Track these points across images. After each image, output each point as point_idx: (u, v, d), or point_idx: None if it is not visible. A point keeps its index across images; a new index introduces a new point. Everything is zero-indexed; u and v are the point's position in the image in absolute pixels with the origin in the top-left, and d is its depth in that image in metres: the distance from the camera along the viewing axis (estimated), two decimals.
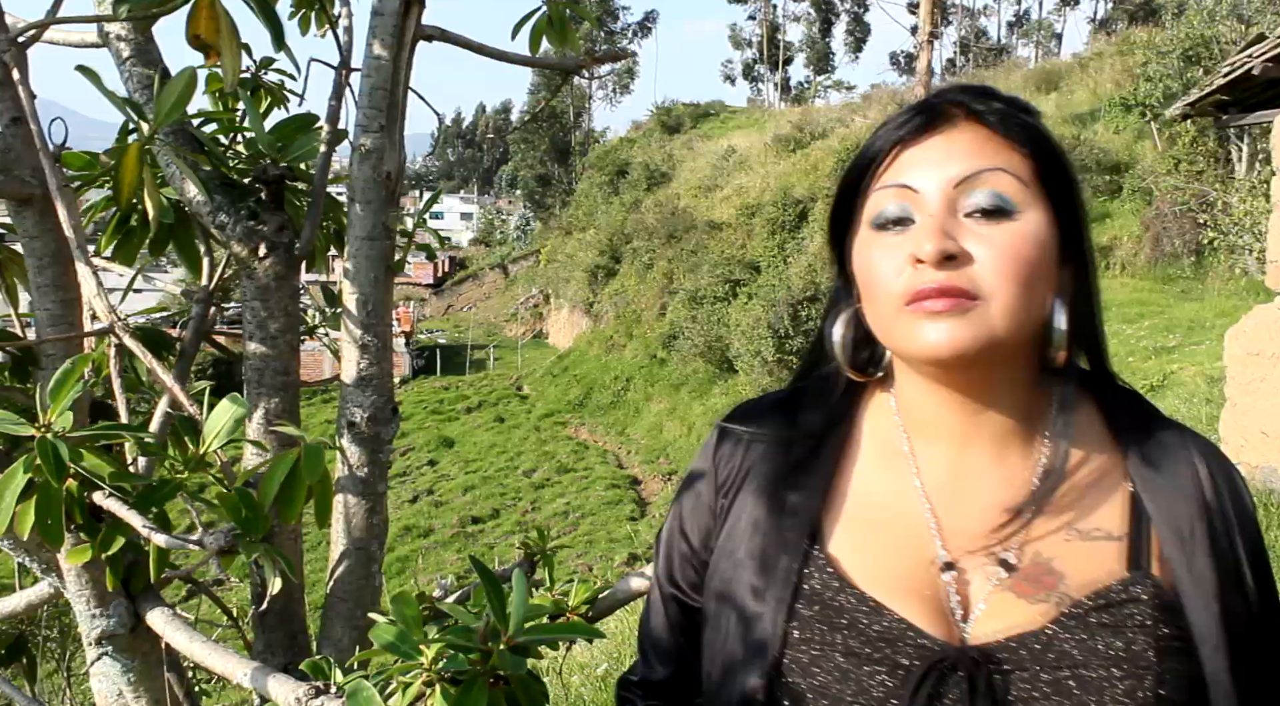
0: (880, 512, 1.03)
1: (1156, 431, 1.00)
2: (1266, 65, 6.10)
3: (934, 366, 0.97)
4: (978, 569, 0.97)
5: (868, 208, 1.00)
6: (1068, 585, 0.93)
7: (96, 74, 1.43)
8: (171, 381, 1.24)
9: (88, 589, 1.56)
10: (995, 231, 0.93)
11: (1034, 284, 0.93)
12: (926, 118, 0.98)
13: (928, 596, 0.96)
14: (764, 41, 66.31)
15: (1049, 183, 0.97)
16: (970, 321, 0.91)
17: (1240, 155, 15.96)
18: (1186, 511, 0.95)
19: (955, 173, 0.94)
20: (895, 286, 0.94)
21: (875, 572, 0.98)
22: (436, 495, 25.73)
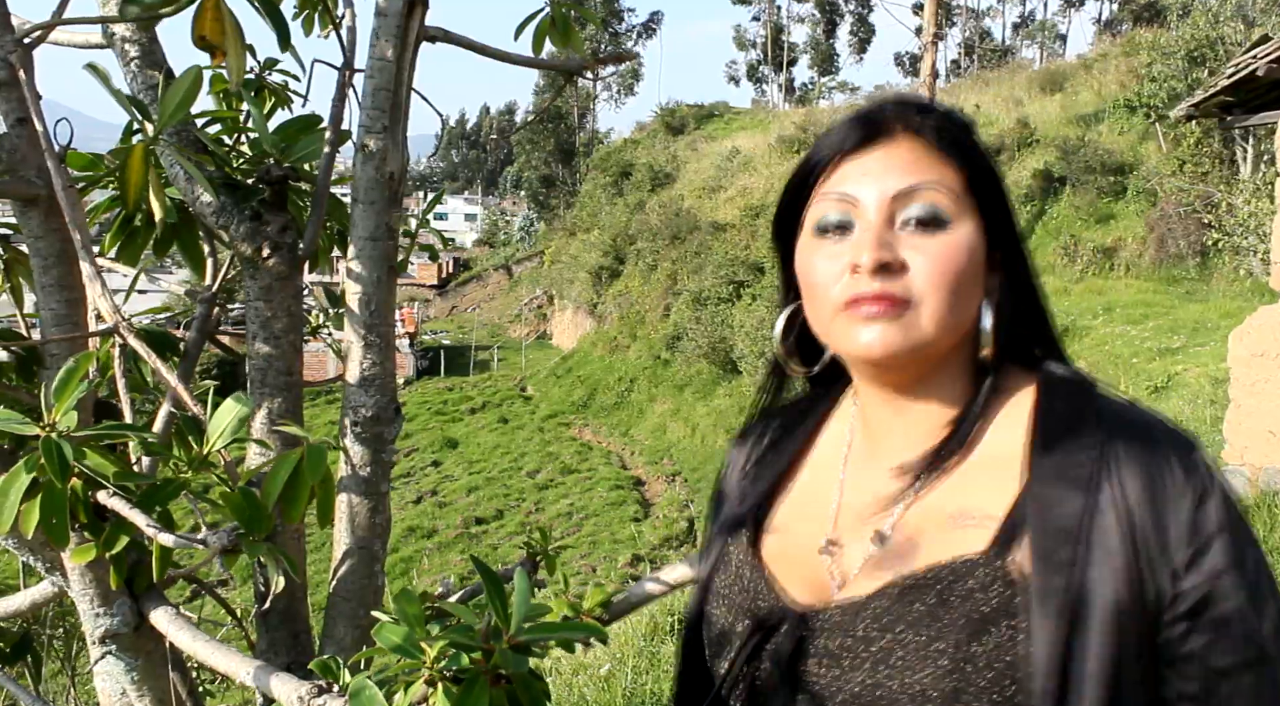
0: (808, 497, 1.13)
1: (1073, 417, 0.98)
2: (1271, 66, 6.10)
3: (868, 365, 1.04)
4: (857, 545, 1.03)
5: (810, 213, 1.06)
6: (917, 560, 0.96)
7: (105, 73, 1.44)
8: (176, 381, 1.25)
9: (91, 588, 1.56)
10: (929, 242, 0.98)
11: (963, 290, 0.99)
12: (867, 130, 1.04)
13: (813, 573, 1.04)
14: (768, 42, 66.31)
15: (979, 193, 1.02)
16: (902, 325, 0.97)
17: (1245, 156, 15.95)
18: (1069, 499, 0.92)
19: (893, 186, 1.00)
20: (834, 291, 1.01)
21: (780, 547, 1.10)
22: (440, 496, 25.73)
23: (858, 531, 1.04)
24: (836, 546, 1.04)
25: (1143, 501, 0.91)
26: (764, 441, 1.22)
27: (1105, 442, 0.95)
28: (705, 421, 27.91)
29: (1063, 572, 0.89)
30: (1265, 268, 9.83)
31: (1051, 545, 0.90)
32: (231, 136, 1.90)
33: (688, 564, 1.65)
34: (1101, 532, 0.90)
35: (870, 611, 0.95)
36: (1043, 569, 0.89)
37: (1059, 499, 0.93)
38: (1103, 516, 0.91)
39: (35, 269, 1.53)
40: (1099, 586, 0.88)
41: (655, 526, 22.05)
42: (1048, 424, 0.99)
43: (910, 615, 0.92)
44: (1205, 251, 18.47)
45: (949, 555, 0.94)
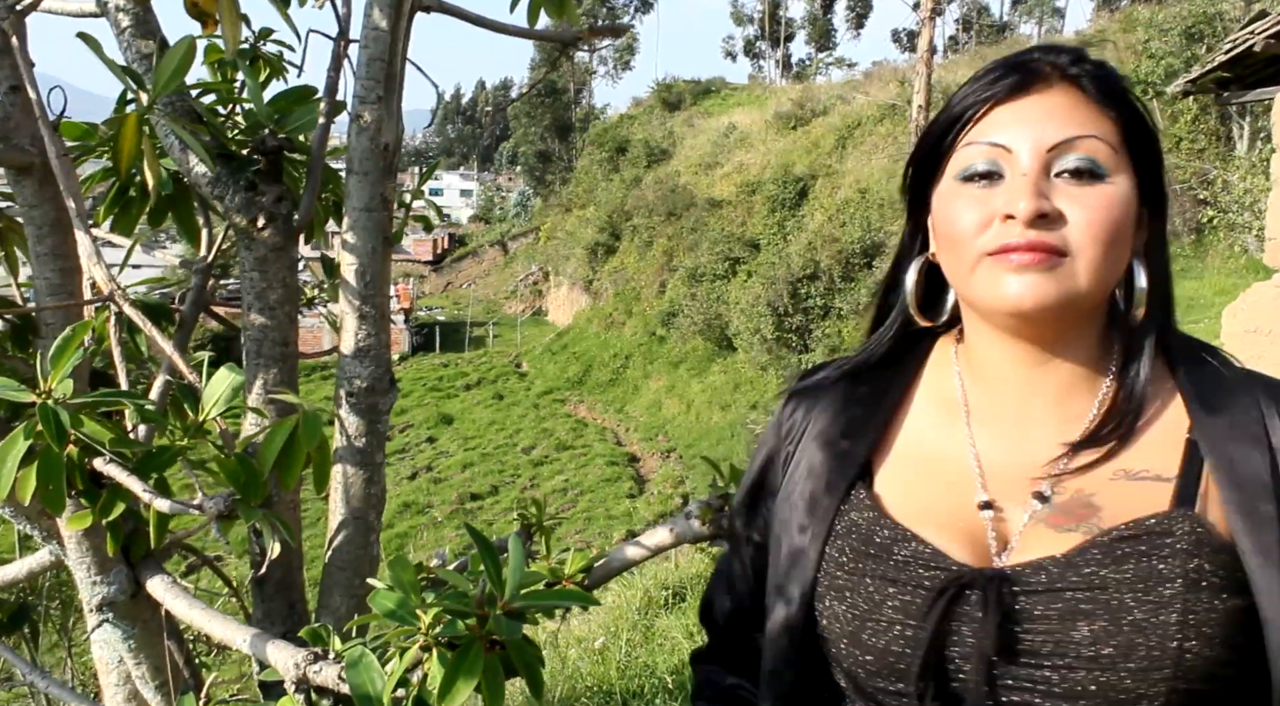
0: (928, 457, 1.07)
1: (1220, 378, 1.01)
2: (1268, 42, 6.08)
3: (1012, 318, 0.99)
4: (1017, 506, 1.00)
5: (954, 161, 1.02)
6: (1102, 518, 0.95)
7: (97, 41, 1.43)
8: (172, 349, 1.25)
9: (88, 556, 1.57)
10: (1087, 193, 0.95)
11: (1119, 244, 0.96)
12: (1021, 77, 0.99)
13: (964, 530, 1.00)
14: (765, 18, 65.98)
15: (1135, 147, 0.99)
16: (1056, 277, 0.94)
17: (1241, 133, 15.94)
18: (1245, 453, 0.95)
19: (1051, 136, 0.96)
20: (981, 238, 0.97)
21: (915, 509, 1.03)
22: (435, 472, 25.81)
23: (1014, 492, 1.00)
24: (993, 507, 1.00)
25: None
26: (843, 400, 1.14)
27: (1262, 400, 0.97)
28: (700, 398, 27.96)
29: (1271, 527, 0.90)
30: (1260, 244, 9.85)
31: (1250, 501, 0.92)
32: (226, 107, 1.89)
33: (667, 529, 1.65)
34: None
35: (1078, 570, 0.93)
36: (1251, 526, 0.91)
37: (1241, 456, 0.94)
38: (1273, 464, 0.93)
39: (30, 238, 1.53)
40: None
41: (650, 503, 22.13)
42: (1200, 383, 1.00)
43: (1125, 572, 0.91)
44: (1200, 228, 18.46)
45: (1138, 512, 0.94)
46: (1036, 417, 1.03)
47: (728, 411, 26.06)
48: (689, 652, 1.32)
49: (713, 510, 1.48)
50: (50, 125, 1.38)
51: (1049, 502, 0.98)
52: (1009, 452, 1.03)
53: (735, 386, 26.92)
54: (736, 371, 27.28)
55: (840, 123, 31.68)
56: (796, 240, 26.53)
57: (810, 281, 24.26)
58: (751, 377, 26.32)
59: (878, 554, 1.01)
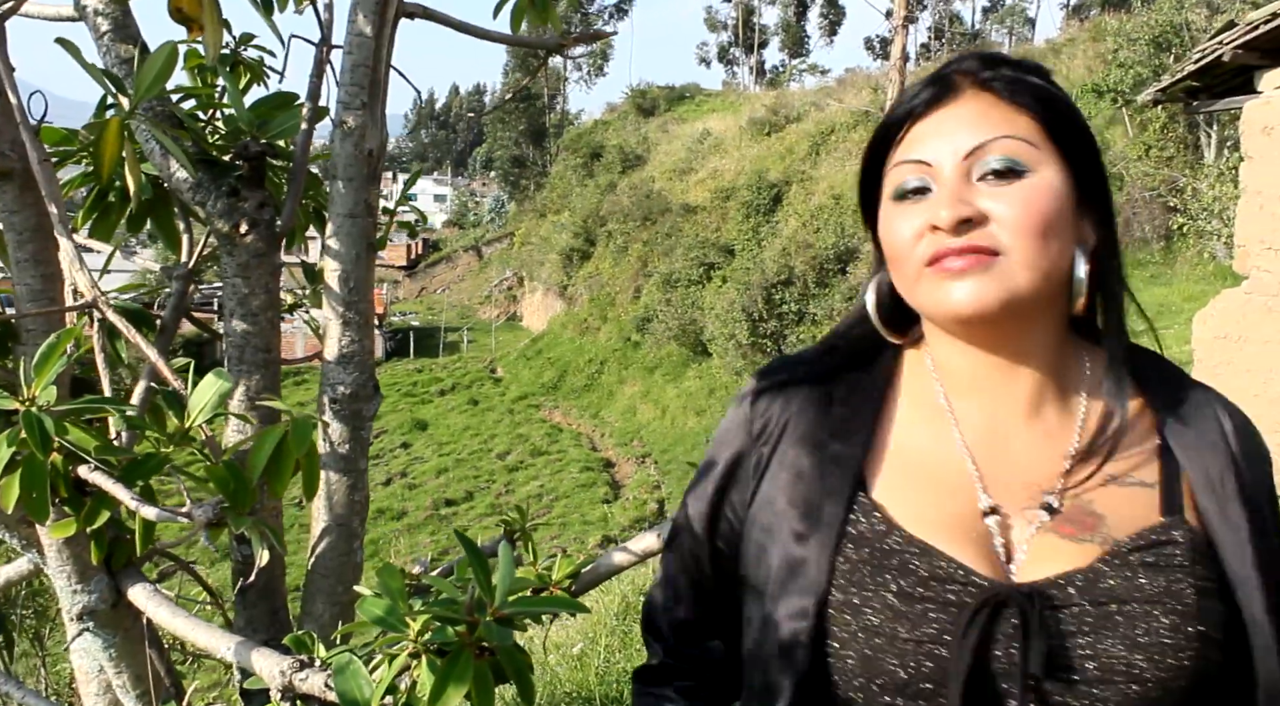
0: (923, 463, 1.05)
1: (1182, 387, 1.05)
2: (1236, 52, 6.14)
3: (960, 324, 1.01)
4: (1019, 514, 1.00)
5: (888, 182, 1.05)
6: (1109, 527, 0.97)
7: (76, 47, 1.42)
8: (156, 356, 1.24)
9: (69, 564, 1.56)
10: (1009, 189, 0.96)
11: (1052, 235, 0.96)
12: (935, 91, 1.02)
13: (973, 539, 0.99)
14: (739, 24, 66.19)
15: (1061, 140, 1.00)
16: (992, 276, 0.95)
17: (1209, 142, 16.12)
18: (1216, 462, 0.99)
19: (965, 143, 0.98)
20: (916, 251, 0.99)
21: (921, 518, 1.01)
22: (410, 478, 25.68)
23: (1012, 498, 1.00)
24: (999, 513, 1.00)
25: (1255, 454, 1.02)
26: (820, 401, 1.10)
27: (1219, 411, 1.03)
28: (675, 403, 27.97)
29: (1241, 531, 0.96)
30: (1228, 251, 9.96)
31: (1224, 506, 0.97)
32: (206, 112, 1.88)
33: (655, 534, 1.65)
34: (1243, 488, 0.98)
35: (1104, 582, 0.94)
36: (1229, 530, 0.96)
37: (1211, 464, 0.99)
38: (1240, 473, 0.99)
39: (9, 244, 1.51)
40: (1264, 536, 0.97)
41: (625, 508, 22.11)
42: (1164, 392, 1.04)
43: (1143, 583, 0.93)
44: (1170, 235, 18.65)
45: (1137, 520, 0.97)
46: (1014, 425, 1.04)
47: (703, 417, 26.07)
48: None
49: None
50: (31, 130, 1.37)
51: (1056, 512, 0.98)
52: (997, 459, 1.03)
53: (710, 392, 26.95)
54: (711, 377, 27.31)
55: (814, 129, 31.81)
56: (771, 246, 26.61)
57: (785, 287, 24.32)
58: (726, 383, 26.34)
59: (897, 568, 0.97)
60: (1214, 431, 1.01)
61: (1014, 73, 1.01)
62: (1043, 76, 1.03)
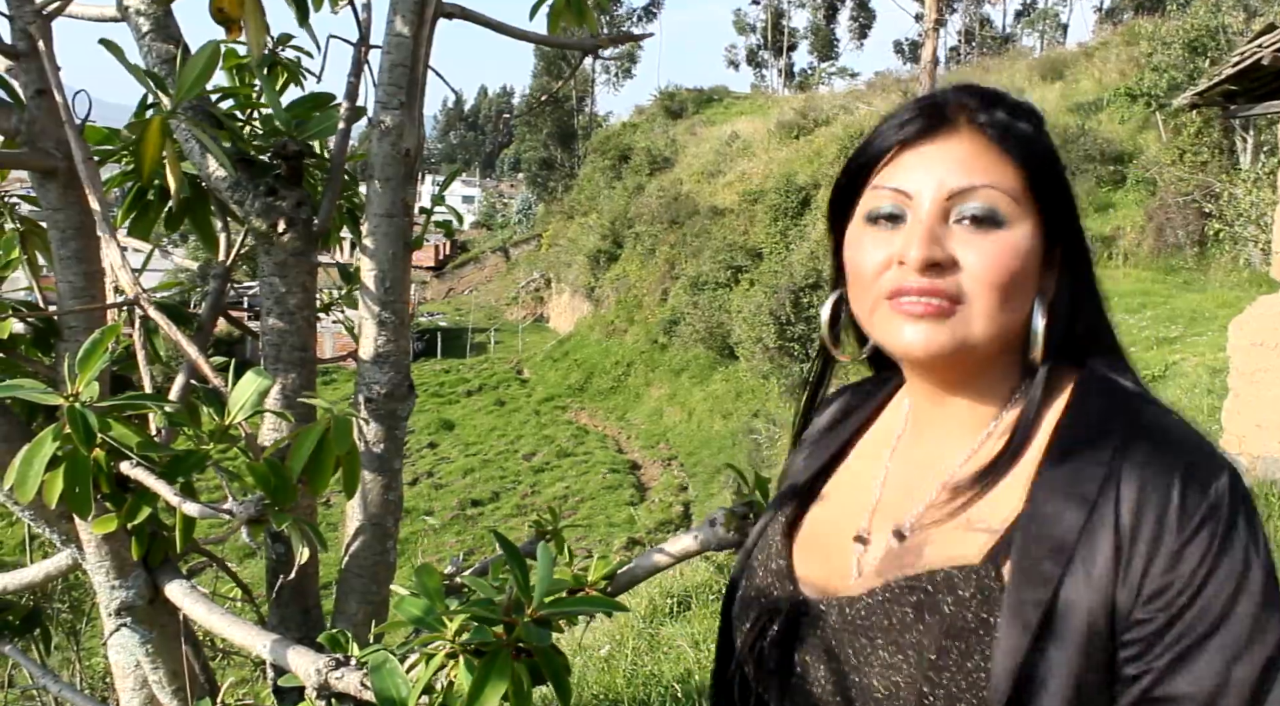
0: (850, 486, 1.12)
1: (1097, 428, 0.94)
2: (1276, 55, 6.09)
3: (911, 363, 1.04)
4: (881, 541, 1.03)
5: (863, 201, 1.04)
6: (921, 561, 0.96)
7: (119, 47, 1.43)
8: (197, 353, 1.25)
9: (108, 560, 1.57)
10: (984, 241, 0.95)
11: (1015, 292, 0.96)
12: (929, 121, 1.00)
13: (838, 559, 1.05)
14: (768, 27, 66.09)
15: (1040, 193, 0.99)
16: (948, 326, 0.95)
17: (1245, 147, 15.95)
18: (1063, 514, 0.89)
19: (950, 184, 0.97)
20: (880, 281, 0.98)
21: (812, 534, 1.11)
22: (436, 477, 25.79)
23: (886, 527, 1.03)
24: (864, 540, 1.04)
25: (1139, 522, 0.86)
26: (824, 421, 1.22)
27: (1118, 456, 0.90)
28: (702, 406, 27.95)
29: (1040, 587, 0.86)
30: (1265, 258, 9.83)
31: (1035, 559, 0.88)
32: (244, 113, 1.89)
33: (691, 536, 1.65)
34: (1090, 550, 0.87)
35: (858, 610, 0.96)
36: (1021, 581, 0.87)
37: (1057, 514, 0.90)
38: (1096, 534, 0.87)
39: (53, 241, 1.53)
40: (1076, 604, 0.86)
41: (651, 510, 22.12)
42: (1066, 433, 0.95)
43: (894, 617, 0.93)
44: (1203, 241, 18.46)
45: (944, 561, 0.93)
46: (933, 455, 1.05)
47: (729, 420, 26.04)
48: None
49: (737, 517, 1.47)
50: (76, 129, 1.38)
51: (904, 542, 1.00)
52: (906, 487, 1.06)
53: (737, 395, 26.92)
54: (738, 380, 27.27)
55: (843, 132, 31.68)
56: (799, 249, 26.53)
57: (813, 290, 24.23)
58: (753, 386, 26.30)
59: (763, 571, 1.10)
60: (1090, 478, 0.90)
61: (1008, 118, 1.00)
62: (1035, 124, 1.01)
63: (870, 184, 1.03)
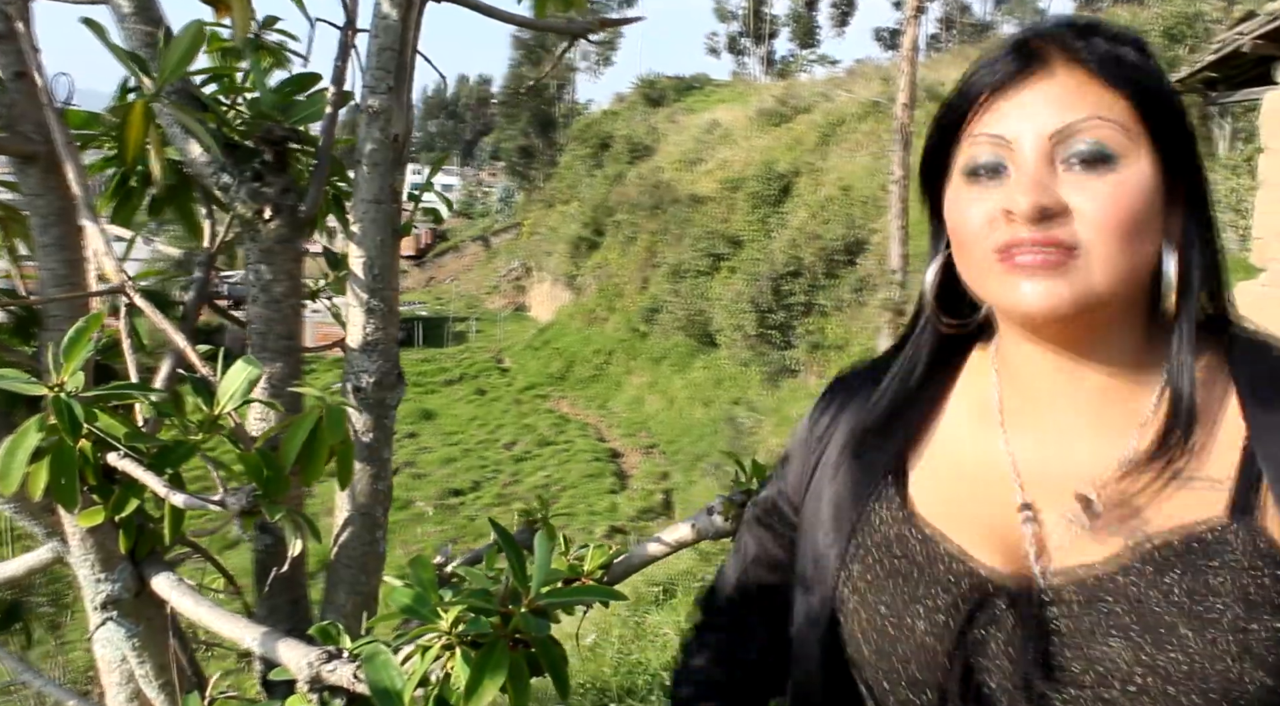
0: (964, 462, 1.02)
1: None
2: (1256, 42, 6.12)
3: (1029, 322, 0.94)
4: (1059, 512, 0.94)
5: (960, 156, 0.96)
6: (1148, 524, 0.89)
7: (102, 27, 1.40)
8: (184, 342, 1.23)
9: (93, 553, 1.54)
10: (1096, 181, 0.88)
11: (1138, 235, 0.88)
12: (1020, 61, 0.92)
13: (1001, 536, 0.95)
14: (750, 14, 66.01)
15: (1154, 124, 0.90)
16: (1068, 278, 0.87)
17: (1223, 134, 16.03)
18: None
19: (1051, 124, 0.89)
20: (988, 239, 0.91)
21: (948, 512, 0.99)
22: (416, 467, 25.71)
23: (1055, 498, 0.94)
24: (1032, 509, 0.94)
25: None
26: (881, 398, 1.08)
27: None
28: (682, 394, 27.96)
29: None
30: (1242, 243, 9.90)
31: None
32: (228, 96, 1.86)
33: (689, 525, 1.64)
34: None
35: (1115, 581, 0.87)
36: None
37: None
38: None
39: (34, 228, 1.49)
40: None
41: (632, 498, 22.17)
42: (1258, 382, 0.92)
43: (1172, 588, 0.85)
44: None
45: (1189, 520, 0.88)
46: (1075, 426, 0.96)
47: (710, 407, 26.07)
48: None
49: (735, 506, 1.46)
50: (57, 112, 1.35)
51: (1092, 508, 0.91)
52: (1048, 461, 0.97)
53: (717, 382, 26.95)
54: (719, 367, 27.31)
55: (823, 120, 31.72)
56: (779, 237, 26.57)
57: (793, 278, 24.31)
58: (734, 374, 26.35)
59: (905, 556, 0.97)
60: None
61: (1109, 45, 0.91)
62: (1141, 51, 0.93)
63: (965, 136, 0.95)
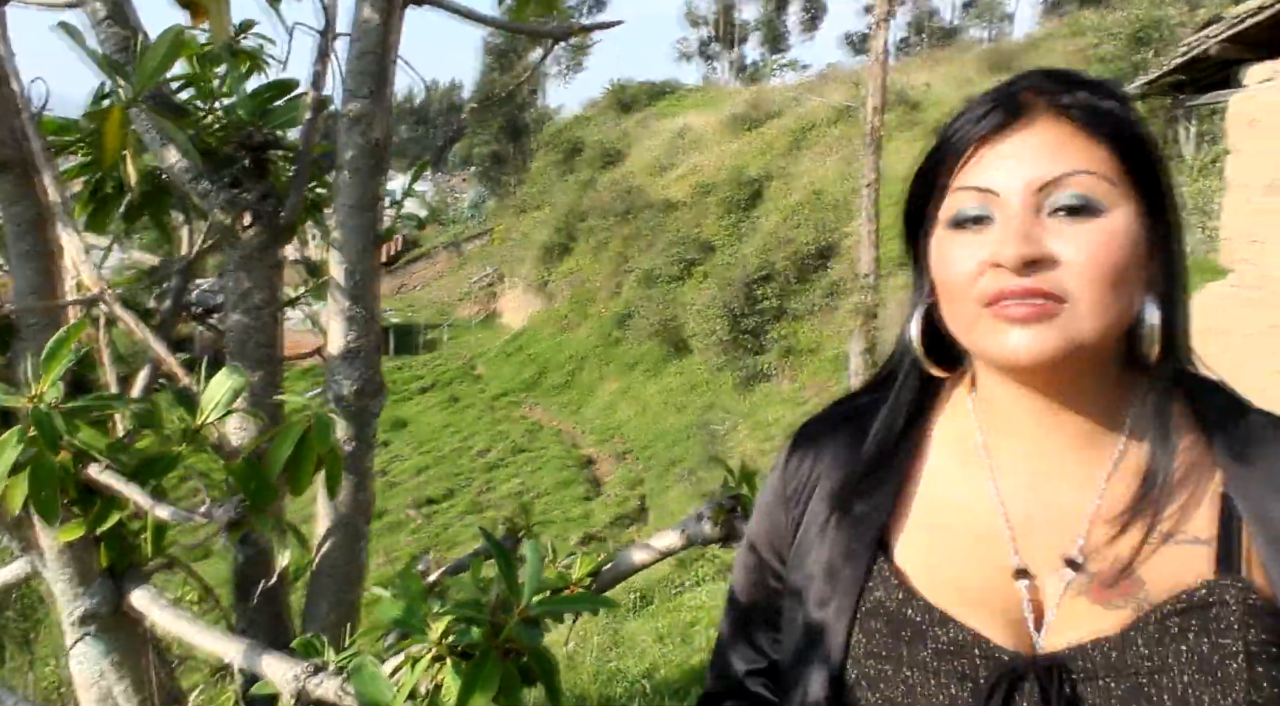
0: (953, 517, 1.00)
1: (1249, 425, 0.95)
2: (1222, 46, 6.19)
3: (1014, 371, 0.94)
4: (1051, 574, 0.93)
5: (945, 206, 0.96)
6: (1148, 590, 0.89)
7: (77, 31, 1.38)
8: (165, 351, 1.20)
9: (70, 568, 1.51)
10: (1082, 231, 0.88)
11: (1123, 283, 0.89)
12: (1006, 112, 0.93)
13: (998, 605, 0.94)
14: (719, 20, 66.18)
15: (1137, 174, 0.91)
16: (1055, 328, 0.87)
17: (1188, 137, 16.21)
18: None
19: (1038, 175, 0.90)
20: (974, 288, 0.91)
21: (944, 582, 0.96)
22: (389, 476, 25.49)
23: (1046, 556, 0.94)
24: (1028, 575, 0.93)
25: None
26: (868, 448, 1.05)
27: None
28: (655, 400, 27.91)
29: None
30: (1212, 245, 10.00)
31: None
32: (205, 102, 1.84)
33: (677, 531, 1.63)
34: None
35: (1134, 651, 0.87)
36: None
37: (1266, 508, 0.89)
38: None
39: (8, 236, 1.46)
40: None
41: (606, 505, 22.07)
42: (1227, 431, 0.93)
43: (1182, 652, 0.86)
44: None
45: (1182, 580, 0.88)
46: (1058, 471, 0.96)
47: (683, 413, 26.03)
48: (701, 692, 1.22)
49: (724, 511, 1.45)
50: (33, 119, 1.33)
51: (1083, 570, 0.91)
52: (1035, 510, 0.96)
53: (690, 388, 26.92)
54: (691, 373, 27.28)
55: (794, 125, 31.81)
56: (751, 242, 26.61)
57: (765, 283, 24.34)
58: (707, 379, 26.33)
59: (913, 639, 0.94)
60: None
61: (1092, 98, 0.92)
62: (1120, 101, 0.94)
63: (950, 186, 0.95)
